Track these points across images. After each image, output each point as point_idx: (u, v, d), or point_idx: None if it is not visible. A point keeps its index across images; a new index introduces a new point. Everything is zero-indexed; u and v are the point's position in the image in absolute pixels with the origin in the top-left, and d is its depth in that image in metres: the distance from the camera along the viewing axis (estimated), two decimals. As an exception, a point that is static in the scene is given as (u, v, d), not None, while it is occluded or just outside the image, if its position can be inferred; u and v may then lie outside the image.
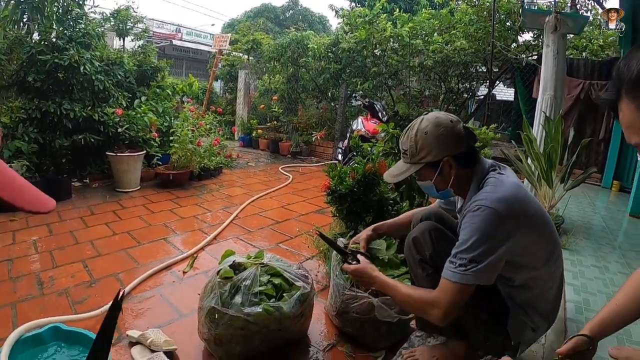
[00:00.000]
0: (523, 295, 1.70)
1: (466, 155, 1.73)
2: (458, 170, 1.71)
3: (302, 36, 9.67)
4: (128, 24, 7.36)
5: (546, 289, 1.72)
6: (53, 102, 5.13)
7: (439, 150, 1.67)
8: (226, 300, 2.10)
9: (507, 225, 1.51)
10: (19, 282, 2.92)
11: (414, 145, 1.71)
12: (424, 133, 1.69)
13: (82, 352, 2.02)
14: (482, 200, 1.54)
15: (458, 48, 7.63)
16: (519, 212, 1.55)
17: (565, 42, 4.60)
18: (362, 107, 7.06)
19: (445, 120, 1.70)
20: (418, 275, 1.87)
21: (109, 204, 4.92)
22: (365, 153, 3.45)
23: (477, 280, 1.50)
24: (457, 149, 1.69)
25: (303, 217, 4.78)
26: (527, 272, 1.66)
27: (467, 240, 1.52)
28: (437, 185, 1.77)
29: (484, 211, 1.51)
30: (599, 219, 4.64)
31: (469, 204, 1.61)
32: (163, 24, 24.70)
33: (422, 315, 1.71)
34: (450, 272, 1.53)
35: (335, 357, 2.29)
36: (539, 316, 1.74)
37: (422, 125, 1.71)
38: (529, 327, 1.73)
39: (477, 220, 1.51)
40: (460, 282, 1.50)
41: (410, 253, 1.89)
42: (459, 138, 1.69)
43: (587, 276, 3.05)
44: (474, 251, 1.49)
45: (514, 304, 1.71)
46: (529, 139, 3.93)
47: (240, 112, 11.13)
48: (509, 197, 1.55)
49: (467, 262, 1.49)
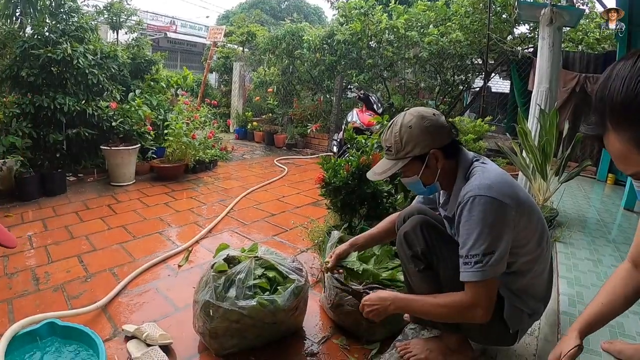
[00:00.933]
0: (518, 282, 1.70)
1: (451, 147, 1.72)
2: (444, 162, 1.70)
3: (297, 28, 9.63)
4: (122, 17, 7.31)
5: (539, 272, 1.72)
6: (47, 97, 5.09)
7: (425, 142, 1.67)
8: (221, 294, 2.11)
9: (504, 209, 1.50)
10: (14, 278, 2.92)
11: (399, 140, 1.69)
12: (409, 127, 1.67)
13: (78, 347, 2.04)
14: (474, 190, 1.53)
15: (454, 40, 7.60)
16: (511, 196, 1.54)
17: (561, 34, 4.59)
18: (357, 99, 7.04)
19: (429, 113, 1.70)
20: (410, 271, 1.85)
21: (103, 198, 4.92)
22: (359, 145, 3.46)
23: (496, 271, 1.49)
24: (443, 140, 1.69)
25: (298, 210, 4.79)
26: (522, 257, 1.65)
27: (472, 234, 1.51)
28: (424, 179, 1.75)
29: (480, 200, 1.50)
30: (594, 212, 4.66)
31: (461, 195, 1.59)
32: (157, 16, 24.51)
33: (465, 319, 1.64)
34: (470, 274, 1.51)
35: (330, 349, 2.31)
36: (535, 300, 1.74)
37: (405, 120, 1.70)
38: (525, 314, 1.73)
39: (476, 212, 1.50)
40: (485, 278, 1.49)
41: (402, 248, 1.86)
42: (443, 129, 1.69)
43: (580, 269, 3.06)
44: (484, 243, 1.48)
45: (509, 292, 1.71)
46: (523, 132, 3.94)
47: (236, 104, 11.09)
48: (500, 182, 1.55)
49: (482, 257, 1.48)
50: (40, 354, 1.98)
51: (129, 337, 2.29)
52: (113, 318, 2.50)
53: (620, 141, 0.77)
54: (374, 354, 2.24)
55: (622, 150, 0.78)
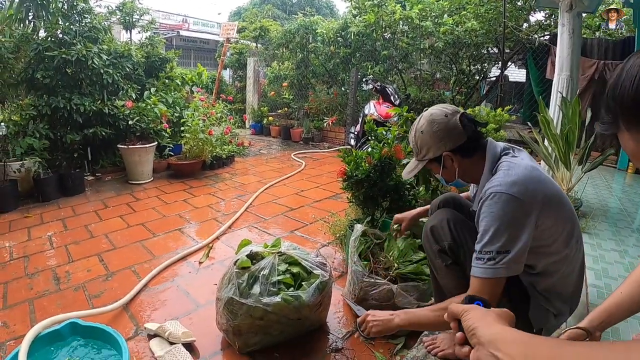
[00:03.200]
0: (545, 282, 1.63)
1: (469, 144, 1.67)
2: (462, 162, 1.69)
3: (310, 21, 9.57)
4: (134, 16, 7.34)
5: (567, 273, 1.65)
6: (63, 98, 5.12)
7: (436, 147, 1.68)
8: (244, 291, 2.07)
9: (525, 208, 1.44)
10: (35, 278, 2.91)
11: (415, 144, 1.76)
12: (421, 132, 1.72)
13: (99, 345, 2.01)
14: (496, 187, 1.47)
15: (469, 29, 7.44)
16: (535, 193, 1.47)
17: (581, 20, 4.45)
18: (373, 92, 6.93)
19: (439, 116, 1.68)
20: (437, 266, 1.82)
21: (122, 196, 4.92)
22: (380, 137, 3.38)
23: (509, 271, 1.43)
24: (455, 142, 1.66)
25: (317, 204, 4.73)
26: (548, 258, 1.59)
27: (488, 231, 1.45)
28: (445, 177, 1.78)
29: (500, 197, 1.44)
30: (616, 202, 4.52)
31: (484, 191, 1.53)
32: (169, 15, 24.64)
33: None
34: (481, 270, 1.45)
35: (354, 344, 2.25)
36: (561, 302, 1.67)
37: (419, 125, 1.74)
38: (551, 314, 1.67)
39: (495, 209, 1.44)
40: (494, 277, 1.42)
41: (429, 243, 1.83)
42: (455, 131, 1.65)
43: (607, 260, 2.97)
44: (499, 241, 1.42)
45: (535, 292, 1.65)
46: (545, 121, 3.81)
47: (251, 99, 11.08)
48: (524, 179, 1.47)
49: (495, 255, 1.42)
50: (63, 354, 1.95)
51: (151, 335, 2.26)
52: (135, 316, 2.47)
53: (634, 139, 0.76)
54: (398, 349, 2.19)
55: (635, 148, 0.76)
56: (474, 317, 0.84)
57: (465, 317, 0.85)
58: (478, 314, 0.85)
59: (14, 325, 2.38)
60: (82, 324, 2.06)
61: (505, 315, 0.86)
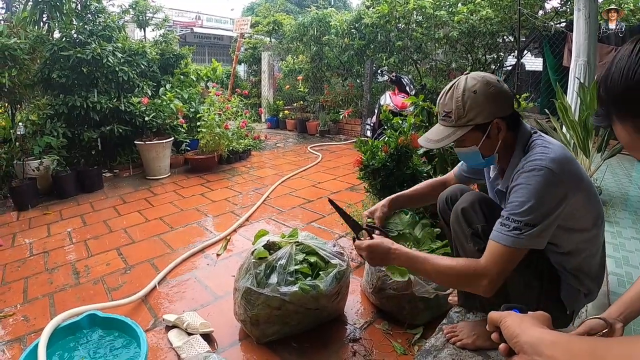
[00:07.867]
0: (574, 260, 1.58)
1: (514, 117, 1.59)
2: (506, 134, 1.56)
3: (323, 14, 9.52)
4: (147, 14, 7.36)
5: (594, 252, 1.60)
6: (79, 96, 5.18)
7: (489, 110, 1.51)
8: (262, 281, 2.05)
9: (563, 186, 1.39)
10: (54, 273, 2.94)
11: (461, 106, 1.52)
12: (473, 92, 1.51)
13: (118, 336, 2.01)
14: (538, 161, 1.41)
15: (483, 17, 7.31)
16: (571, 173, 1.43)
17: (597, 5, 4.34)
18: (388, 83, 6.85)
19: (493, 79, 1.55)
20: (469, 250, 1.69)
21: (140, 192, 4.95)
22: (396, 127, 3.33)
23: (531, 244, 1.38)
24: (507, 110, 1.55)
25: (334, 195, 4.69)
26: (577, 236, 1.54)
27: (524, 202, 1.38)
28: (483, 150, 1.59)
29: (541, 171, 1.38)
30: (636, 190, 4.41)
31: (520, 165, 1.46)
32: (182, 12, 24.69)
33: (466, 288, 1.57)
34: (503, 235, 1.39)
35: (372, 334, 2.22)
36: (590, 280, 1.63)
37: (469, 84, 1.53)
38: (581, 293, 1.62)
39: (534, 182, 1.38)
40: (514, 246, 1.37)
41: (460, 226, 1.71)
42: (508, 97, 1.56)
43: (627, 248, 2.90)
44: (530, 214, 1.37)
45: (565, 271, 1.60)
46: (563, 107, 3.73)
47: (266, 93, 11.09)
48: (562, 158, 1.42)
49: (523, 226, 1.37)
50: (83, 345, 1.96)
51: (169, 326, 2.26)
52: (153, 308, 2.48)
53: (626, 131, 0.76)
54: (417, 339, 2.16)
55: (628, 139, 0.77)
56: (513, 325, 0.85)
57: (504, 326, 0.87)
58: (516, 321, 0.86)
59: (34, 318, 2.41)
60: (101, 316, 2.07)
61: (542, 318, 0.88)
